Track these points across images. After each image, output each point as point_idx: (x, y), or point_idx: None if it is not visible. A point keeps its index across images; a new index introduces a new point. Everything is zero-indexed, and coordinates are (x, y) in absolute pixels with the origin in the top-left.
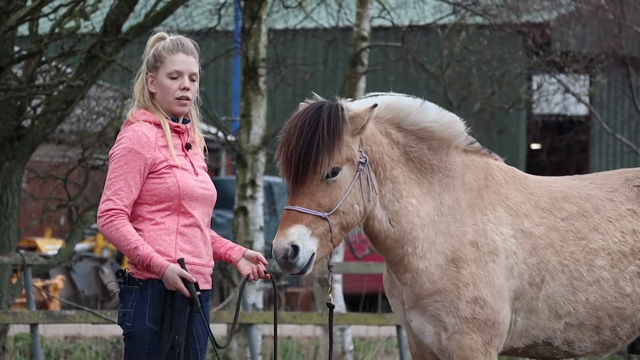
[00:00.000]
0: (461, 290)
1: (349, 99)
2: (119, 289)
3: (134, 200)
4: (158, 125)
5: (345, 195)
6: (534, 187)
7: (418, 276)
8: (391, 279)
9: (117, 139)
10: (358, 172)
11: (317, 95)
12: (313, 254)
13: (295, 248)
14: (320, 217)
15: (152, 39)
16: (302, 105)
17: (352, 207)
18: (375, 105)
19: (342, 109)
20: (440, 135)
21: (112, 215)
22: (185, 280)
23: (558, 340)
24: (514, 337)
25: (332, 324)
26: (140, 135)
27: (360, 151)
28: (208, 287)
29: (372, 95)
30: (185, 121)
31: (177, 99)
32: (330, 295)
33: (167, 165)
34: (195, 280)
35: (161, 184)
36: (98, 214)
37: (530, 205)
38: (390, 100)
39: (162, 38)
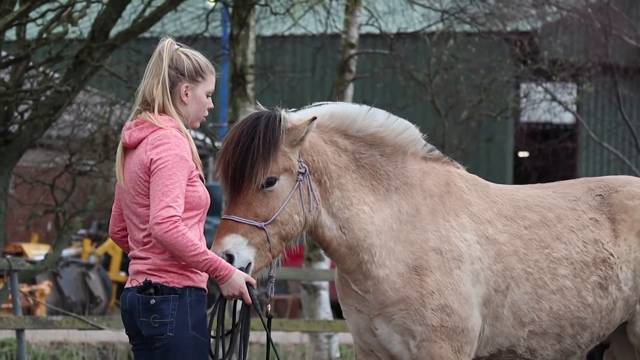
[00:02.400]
0: (426, 299)
1: (293, 110)
2: (153, 300)
3: None
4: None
5: (283, 205)
6: (496, 195)
7: (380, 284)
8: (343, 288)
9: (158, 143)
10: (298, 183)
11: (260, 105)
12: (249, 263)
13: (230, 257)
14: (256, 226)
15: (168, 45)
16: (245, 114)
17: (292, 217)
18: (315, 118)
19: (280, 120)
20: (392, 142)
21: (176, 222)
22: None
23: (521, 348)
24: (480, 346)
25: (269, 335)
26: (185, 142)
27: (300, 161)
28: None
29: (317, 105)
30: None
31: (203, 116)
32: (268, 306)
33: (197, 174)
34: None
35: (194, 192)
36: (158, 220)
37: (493, 212)
38: (335, 109)
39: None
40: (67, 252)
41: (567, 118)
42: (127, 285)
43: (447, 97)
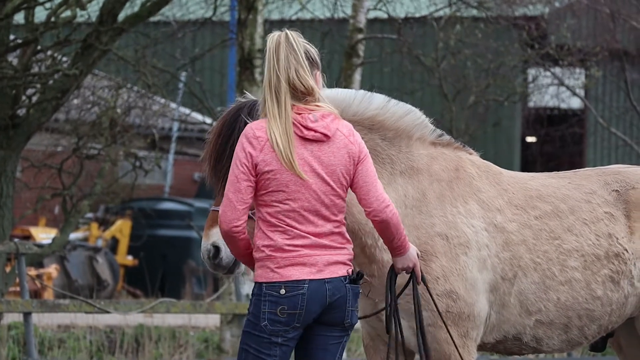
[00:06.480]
0: (431, 284)
1: None
2: (361, 289)
3: None
4: None
5: None
6: (508, 184)
7: (384, 268)
8: None
9: (354, 132)
10: None
11: (248, 93)
12: None
13: (217, 248)
14: None
15: (294, 35)
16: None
17: None
18: None
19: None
20: (393, 125)
21: None
22: None
23: (527, 337)
24: (486, 332)
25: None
26: None
27: None
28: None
29: None
30: None
31: None
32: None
33: None
34: None
35: None
36: (387, 202)
37: (503, 201)
38: (326, 94)
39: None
40: (74, 235)
41: (575, 103)
42: (322, 276)
43: (454, 81)
